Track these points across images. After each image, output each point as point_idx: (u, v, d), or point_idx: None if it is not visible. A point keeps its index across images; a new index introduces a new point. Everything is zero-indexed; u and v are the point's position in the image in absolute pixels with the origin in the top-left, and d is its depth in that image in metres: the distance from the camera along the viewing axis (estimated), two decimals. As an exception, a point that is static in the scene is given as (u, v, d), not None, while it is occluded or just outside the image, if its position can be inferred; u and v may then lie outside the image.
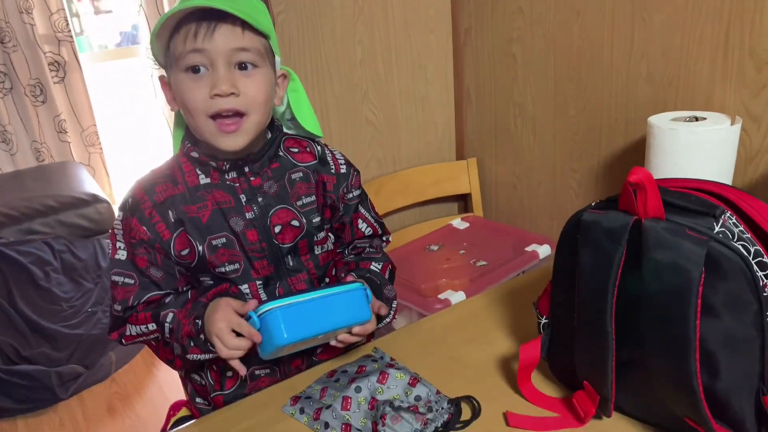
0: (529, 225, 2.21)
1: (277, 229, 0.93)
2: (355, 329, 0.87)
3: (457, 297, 1.70)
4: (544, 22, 1.89)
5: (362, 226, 1.05)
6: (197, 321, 0.84)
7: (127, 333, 0.92)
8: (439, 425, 0.79)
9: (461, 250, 2.01)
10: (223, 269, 0.91)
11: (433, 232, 2.18)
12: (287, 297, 0.82)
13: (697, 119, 1.34)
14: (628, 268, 0.70)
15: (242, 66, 0.83)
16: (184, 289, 0.95)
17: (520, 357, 0.86)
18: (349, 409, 0.82)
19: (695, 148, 1.26)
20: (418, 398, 0.85)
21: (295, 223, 0.94)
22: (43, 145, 3.48)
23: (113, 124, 3.91)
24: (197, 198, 0.89)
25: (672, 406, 0.72)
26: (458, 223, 2.21)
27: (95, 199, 2.72)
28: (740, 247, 0.65)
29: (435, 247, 2.05)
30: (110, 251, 0.92)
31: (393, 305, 0.99)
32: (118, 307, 0.91)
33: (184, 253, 0.90)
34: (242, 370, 0.85)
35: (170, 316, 0.88)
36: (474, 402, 0.85)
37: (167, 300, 0.91)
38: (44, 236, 2.53)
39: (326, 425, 0.81)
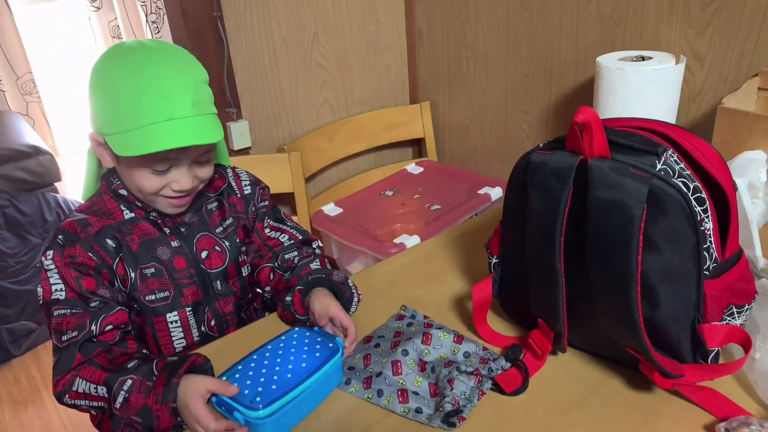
0: (482, 168, 2.23)
1: (203, 255, 0.96)
2: None
3: (411, 241, 1.72)
4: (495, -40, 1.86)
5: (274, 234, 1.03)
6: (174, 405, 0.75)
7: (74, 387, 0.79)
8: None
9: (416, 194, 2.02)
10: (152, 296, 0.92)
11: (388, 177, 2.18)
12: (276, 386, 0.76)
13: (643, 59, 1.36)
14: (575, 206, 0.71)
15: (201, 161, 0.89)
16: (144, 351, 0.86)
17: (473, 296, 0.88)
18: (401, 373, 0.81)
19: (641, 87, 1.28)
20: (466, 355, 0.84)
21: (218, 248, 0.98)
22: (-25, 94, 3.29)
23: (51, 71, 3.70)
24: (125, 231, 0.91)
25: (616, 337, 0.75)
26: (412, 167, 2.21)
27: (37, 151, 2.61)
28: (680, 183, 0.68)
29: (390, 193, 2.06)
30: (41, 296, 0.85)
31: (350, 285, 0.94)
32: (73, 334, 0.81)
33: (124, 277, 0.90)
34: None
35: (128, 383, 0.76)
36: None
37: (129, 364, 0.79)
38: (-17, 191, 2.42)
39: (380, 392, 0.79)
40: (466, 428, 0.74)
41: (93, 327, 0.82)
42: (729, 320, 0.73)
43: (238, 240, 1.00)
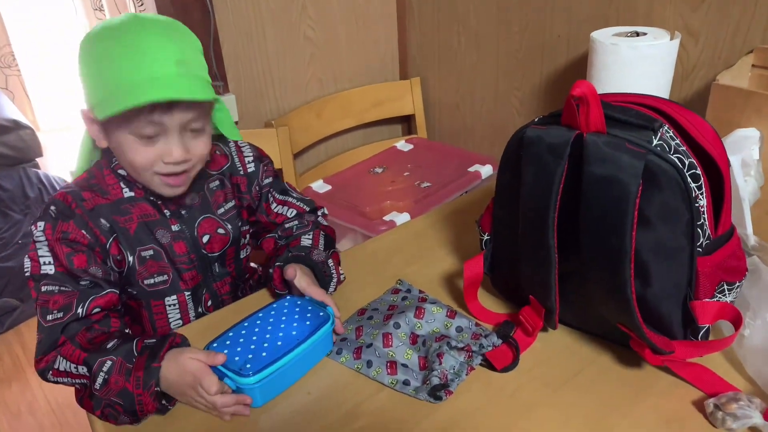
0: (472, 145, 2.22)
1: (205, 239, 0.94)
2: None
3: (401, 218, 1.70)
4: (487, -68, 1.82)
5: (280, 209, 1.02)
6: (156, 389, 0.73)
7: (56, 366, 0.78)
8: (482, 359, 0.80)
9: (405, 171, 2.00)
10: (151, 281, 0.90)
11: (378, 154, 2.16)
12: (267, 353, 0.76)
13: (638, 34, 1.34)
14: (569, 182, 0.70)
15: (192, 130, 0.85)
16: (126, 331, 0.84)
17: (464, 273, 0.87)
18: (391, 346, 0.81)
19: (636, 63, 1.27)
20: (459, 329, 0.84)
21: (221, 231, 0.96)
22: (-47, 67, 3.21)
23: (31, 44, 3.61)
24: (123, 210, 0.88)
25: (607, 314, 0.75)
26: (402, 144, 2.19)
27: (17, 126, 2.56)
28: (676, 159, 0.67)
29: (379, 170, 2.04)
30: (28, 269, 0.82)
31: (330, 265, 0.93)
32: (58, 314, 0.79)
33: (119, 258, 0.87)
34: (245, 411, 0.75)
35: (108, 364, 0.75)
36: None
37: (109, 344, 0.77)
38: (-37, 166, 2.37)
39: (369, 363, 0.79)
40: (454, 402, 0.74)
41: (79, 310, 0.80)
42: (720, 297, 0.73)
43: (240, 222, 0.98)
